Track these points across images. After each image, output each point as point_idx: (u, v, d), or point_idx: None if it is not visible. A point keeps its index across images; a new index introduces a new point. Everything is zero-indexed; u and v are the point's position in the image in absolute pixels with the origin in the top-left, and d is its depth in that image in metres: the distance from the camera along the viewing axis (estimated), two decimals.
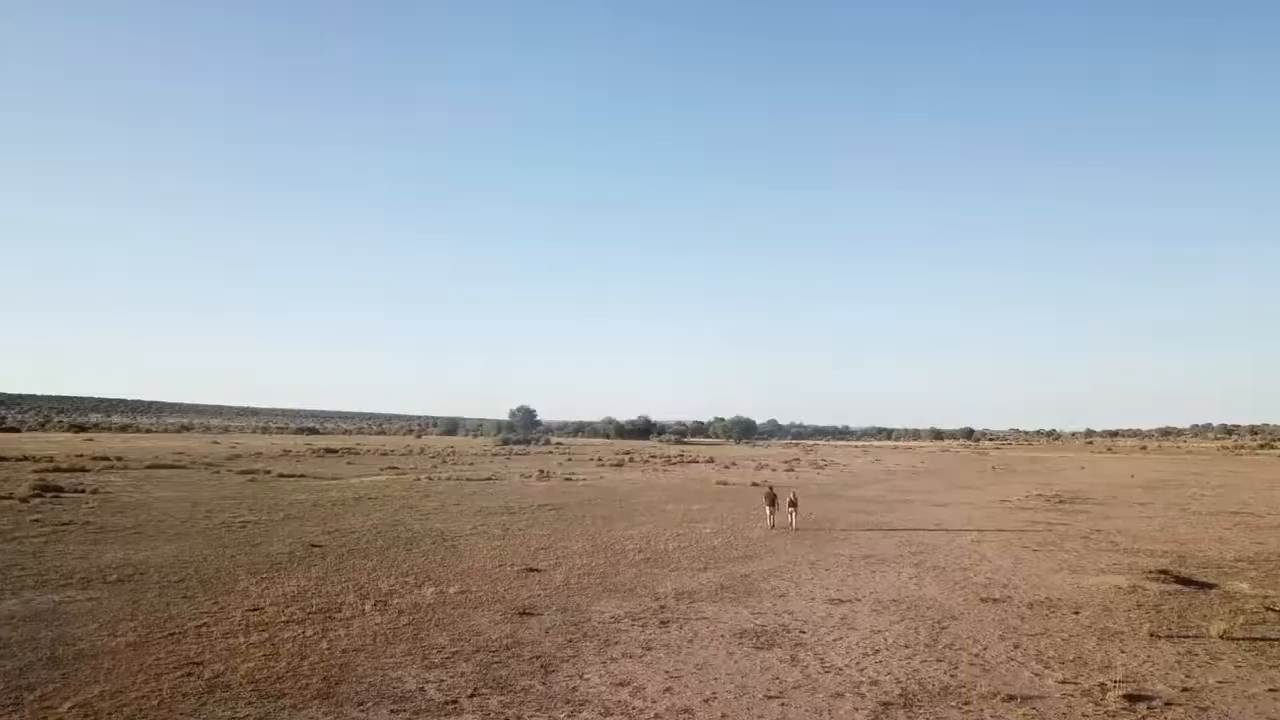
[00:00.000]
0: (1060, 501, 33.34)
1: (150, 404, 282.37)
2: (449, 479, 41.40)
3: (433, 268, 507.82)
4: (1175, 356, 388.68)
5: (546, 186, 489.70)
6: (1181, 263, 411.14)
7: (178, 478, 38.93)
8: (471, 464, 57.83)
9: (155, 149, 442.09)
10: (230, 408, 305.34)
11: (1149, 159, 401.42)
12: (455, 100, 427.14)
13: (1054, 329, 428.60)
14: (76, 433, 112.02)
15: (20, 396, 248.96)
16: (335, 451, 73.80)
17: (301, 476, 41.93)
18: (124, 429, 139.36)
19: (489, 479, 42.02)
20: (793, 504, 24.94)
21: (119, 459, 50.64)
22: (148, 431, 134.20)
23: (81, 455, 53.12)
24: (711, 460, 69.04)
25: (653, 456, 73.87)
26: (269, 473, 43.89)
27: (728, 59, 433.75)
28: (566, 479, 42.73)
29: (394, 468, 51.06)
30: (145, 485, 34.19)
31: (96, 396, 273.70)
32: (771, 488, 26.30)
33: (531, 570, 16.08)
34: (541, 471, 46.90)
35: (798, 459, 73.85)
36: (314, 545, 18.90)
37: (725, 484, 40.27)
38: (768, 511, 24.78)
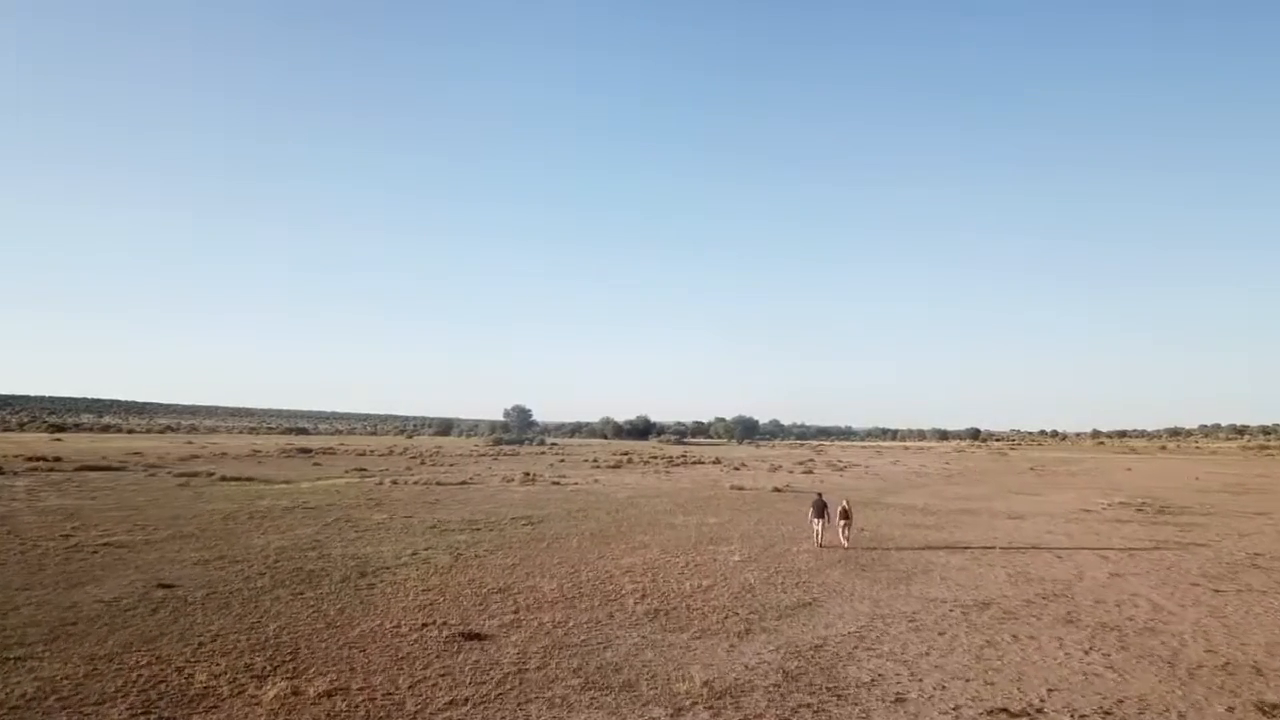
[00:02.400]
0: (1155, 511, 27.32)
1: (145, 405, 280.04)
2: (418, 482, 35.33)
3: (430, 268, 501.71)
4: (1174, 357, 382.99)
5: (547, 187, 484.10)
6: (1182, 263, 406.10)
7: (102, 481, 32.90)
8: (452, 465, 51.73)
9: (155, 149, 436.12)
10: (226, 408, 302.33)
11: (1148, 159, 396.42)
12: (455, 100, 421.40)
13: (1054, 329, 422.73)
14: (53, 433, 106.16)
15: (16, 397, 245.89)
16: (309, 452, 67.77)
17: (247, 480, 35.89)
18: (105, 429, 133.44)
19: (464, 483, 35.95)
20: (845, 516, 19.02)
21: (57, 459, 44.80)
22: (129, 432, 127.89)
23: (19, 456, 47.36)
24: (718, 461, 62.95)
25: (653, 457, 67.76)
26: (211, 474, 37.87)
27: (728, 59, 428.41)
28: (554, 483, 36.66)
29: (361, 470, 45.01)
30: (43, 491, 28.15)
31: (93, 398, 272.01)
32: (820, 495, 20.29)
33: (470, 637, 10.05)
34: (527, 474, 40.79)
35: (811, 460, 67.75)
36: (164, 585, 12.84)
37: (741, 489, 34.19)
38: (815, 525, 18.88)
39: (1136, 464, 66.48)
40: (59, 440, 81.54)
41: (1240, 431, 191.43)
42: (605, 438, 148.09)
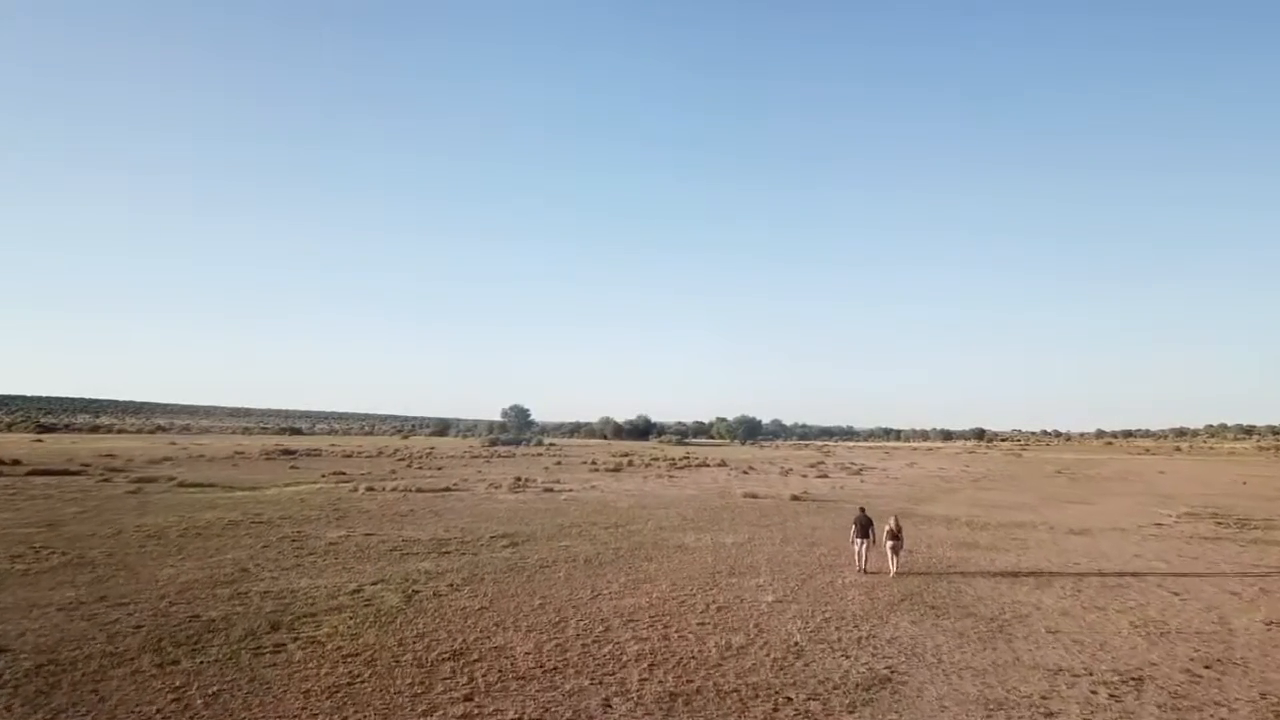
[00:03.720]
0: (1235, 524, 23.74)
1: (144, 405, 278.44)
2: (396, 489, 31.75)
3: (430, 268, 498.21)
4: (1170, 356, 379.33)
5: (547, 187, 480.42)
6: (1182, 263, 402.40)
7: (44, 488, 29.35)
8: (440, 469, 48.11)
9: (154, 150, 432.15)
10: (225, 408, 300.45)
11: (1144, 159, 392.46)
12: (454, 100, 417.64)
13: (1054, 329, 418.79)
14: (40, 433, 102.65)
15: (14, 398, 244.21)
16: (293, 454, 64.15)
17: (208, 487, 32.37)
18: (95, 429, 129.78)
19: (446, 489, 32.35)
20: (894, 536, 15.54)
21: (15, 462, 41.23)
22: (119, 432, 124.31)
23: None
24: (724, 464, 59.31)
25: (654, 459, 64.10)
26: (172, 480, 34.29)
27: (728, 60, 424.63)
28: (547, 490, 33.06)
29: (340, 473, 41.41)
30: None
31: (91, 398, 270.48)
32: (863, 510, 16.72)
33: None
34: (518, 479, 37.16)
35: (821, 462, 64.11)
36: None
37: (755, 497, 30.57)
38: (858, 546, 15.41)
39: (1165, 466, 62.84)
40: (40, 441, 77.97)
41: (1248, 431, 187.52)
42: (605, 438, 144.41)
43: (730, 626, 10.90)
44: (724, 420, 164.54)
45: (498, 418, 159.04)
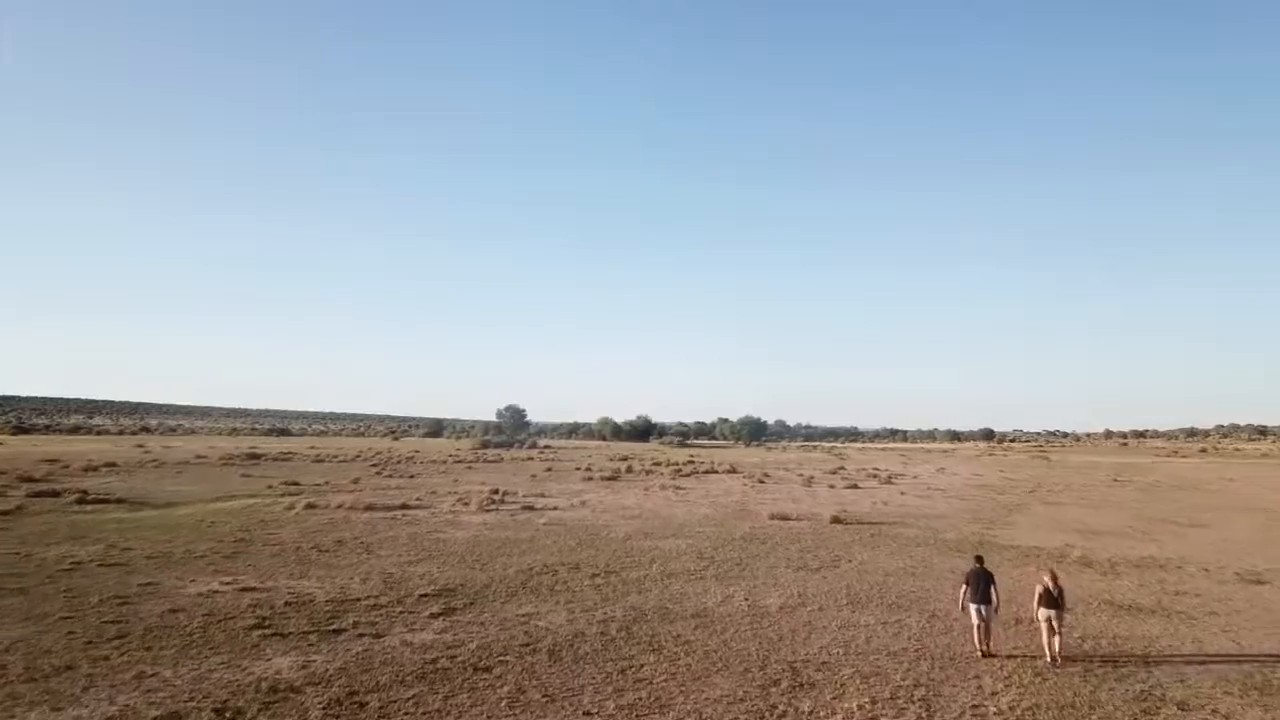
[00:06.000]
0: None
1: (139, 405, 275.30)
2: (344, 506, 25.70)
3: (430, 268, 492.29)
4: (1172, 357, 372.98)
5: (547, 187, 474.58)
6: (1182, 263, 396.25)
7: None
8: (413, 476, 42.04)
9: (155, 149, 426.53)
10: (222, 409, 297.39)
11: (1143, 159, 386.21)
12: (454, 100, 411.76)
13: (1054, 329, 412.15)
14: (15, 433, 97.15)
15: (8, 398, 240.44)
16: (257, 458, 58.01)
17: (118, 503, 26.48)
18: (75, 430, 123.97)
19: (404, 507, 26.29)
20: (1051, 601, 9.81)
21: None
22: (99, 434, 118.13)
23: None
24: (733, 470, 53.18)
25: (656, 464, 57.96)
26: (83, 493, 28.05)
27: (728, 61, 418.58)
28: (526, 507, 26.99)
29: (293, 484, 35.44)
30: None
31: (86, 398, 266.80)
32: (980, 560, 10.78)
33: None
34: (494, 492, 30.99)
35: (841, 468, 57.98)
36: None
37: (785, 519, 24.42)
38: (972, 615, 9.63)
39: (1224, 472, 56.59)
40: (0, 444, 72.08)
41: (1261, 431, 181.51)
42: (604, 439, 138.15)
43: None
44: (727, 421, 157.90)
45: (493, 418, 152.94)
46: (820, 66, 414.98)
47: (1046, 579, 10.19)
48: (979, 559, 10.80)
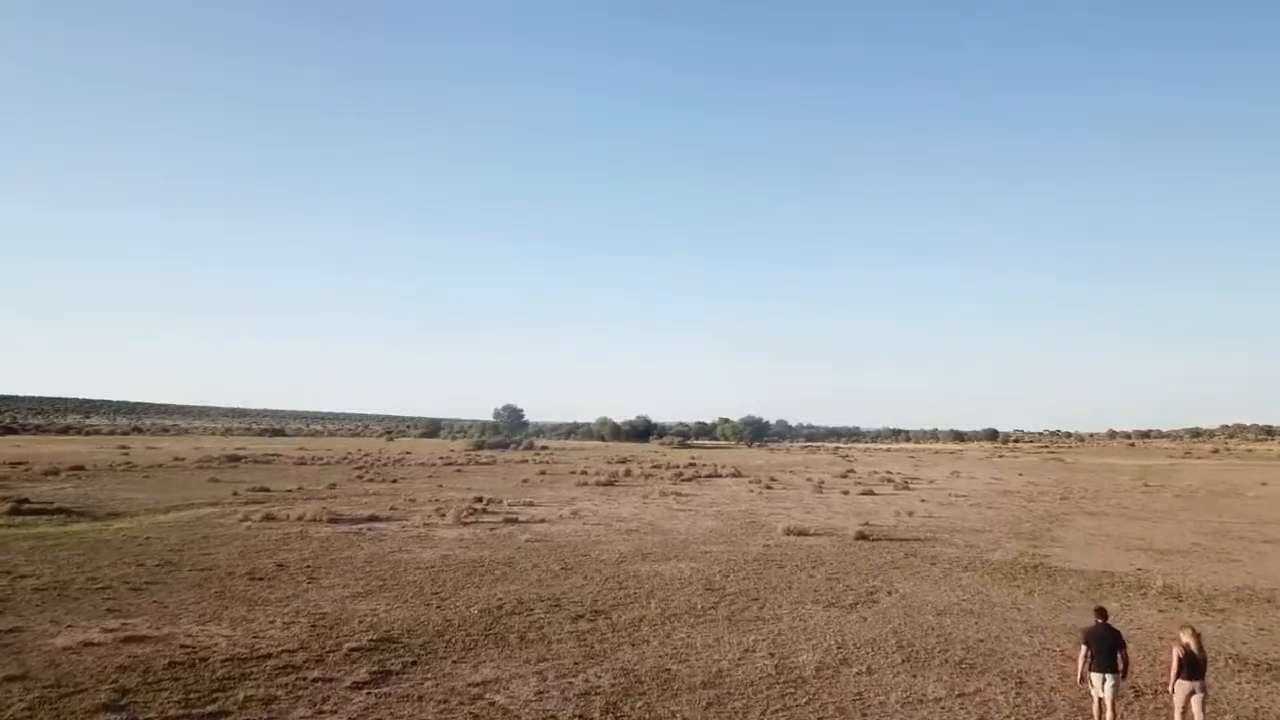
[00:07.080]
0: None
1: (138, 405, 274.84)
2: (303, 518, 22.81)
3: (429, 267, 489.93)
4: (1172, 357, 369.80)
5: (546, 187, 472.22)
6: (1183, 264, 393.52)
7: None
8: (395, 481, 39.17)
9: (154, 150, 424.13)
10: (220, 409, 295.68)
11: (1142, 159, 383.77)
12: (453, 101, 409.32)
13: (1054, 329, 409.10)
14: (1, 434, 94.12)
15: (7, 398, 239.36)
16: (236, 461, 55.15)
17: (57, 514, 23.72)
18: (65, 430, 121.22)
19: (373, 518, 23.43)
20: (1191, 668, 7.00)
21: None
22: (88, 434, 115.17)
23: None
24: (738, 473, 50.28)
25: (655, 467, 55.05)
26: (23, 502, 25.12)
27: (727, 61, 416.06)
28: (510, 519, 24.08)
29: (262, 490, 32.66)
30: None
31: (85, 398, 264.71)
32: (1103, 613, 8.10)
33: None
34: (478, 500, 28.11)
35: (850, 471, 55.08)
36: None
37: (803, 534, 21.51)
38: (1096, 690, 7.31)
39: (1259, 476, 53.60)
40: None
41: (1268, 431, 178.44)
42: (603, 439, 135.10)
43: None
44: (728, 421, 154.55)
45: (490, 418, 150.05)
46: (820, 67, 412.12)
47: (1187, 638, 7.34)
48: (1100, 611, 7.94)
